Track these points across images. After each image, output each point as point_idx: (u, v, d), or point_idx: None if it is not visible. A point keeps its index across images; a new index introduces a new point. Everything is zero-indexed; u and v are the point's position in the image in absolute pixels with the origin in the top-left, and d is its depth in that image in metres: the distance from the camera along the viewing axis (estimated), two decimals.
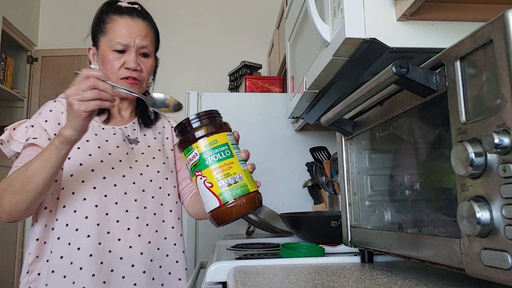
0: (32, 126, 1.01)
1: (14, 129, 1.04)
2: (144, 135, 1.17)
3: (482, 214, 0.44)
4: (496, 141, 0.42)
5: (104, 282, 0.98)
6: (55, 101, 1.07)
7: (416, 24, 0.88)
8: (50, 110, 1.04)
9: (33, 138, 0.98)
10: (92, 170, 1.02)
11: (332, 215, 1.17)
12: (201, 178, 0.76)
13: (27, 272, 0.98)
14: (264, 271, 0.77)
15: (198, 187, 0.78)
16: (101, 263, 0.98)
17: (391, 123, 0.70)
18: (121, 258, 1.01)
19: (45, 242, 0.99)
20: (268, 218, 1.74)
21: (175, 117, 1.29)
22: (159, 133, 1.22)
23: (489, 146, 0.43)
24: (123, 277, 1.01)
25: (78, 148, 1.00)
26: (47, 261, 0.98)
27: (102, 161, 1.04)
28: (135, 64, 1.05)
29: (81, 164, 1.01)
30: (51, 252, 0.98)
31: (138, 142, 1.15)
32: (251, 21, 3.37)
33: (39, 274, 0.98)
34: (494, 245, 0.44)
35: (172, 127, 1.25)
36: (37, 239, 0.99)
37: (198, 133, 0.78)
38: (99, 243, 0.99)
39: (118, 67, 1.05)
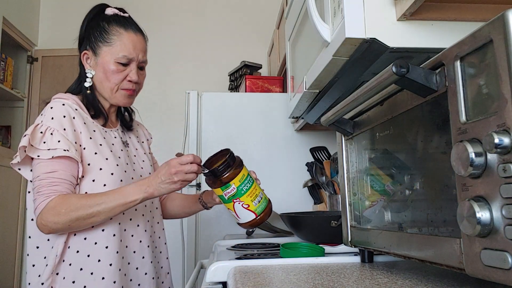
0: (51, 133, 1.01)
1: (27, 135, 1.03)
2: (130, 137, 1.26)
3: (482, 214, 0.44)
4: (496, 141, 0.42)
5: (120, 270, 1.06)
6: (63, 104, 1.06)
7: (416, 24, 0.88)
8: (64, 116, 1.04)
9: (64, 150, 1.00)
10: (112, 174, 1.08)
11: (332, 215, 1.17)
12: (239, 203, 1.07)
13: (57, 274, 1.02)
14: (264, 271, 0.77)
15: (235, 209, 1.07)
16: (122, 257, 1.08)
17: (391, 123, 0.70)
18: (134, 252, 1.12)
19: (68, 247, 1.04)
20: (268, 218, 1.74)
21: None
22: (137, 136, 1.31)
23: (489, 146, 0.43)
24: (137, 267, 1.12)
25: (96, 153, 1.07)
26: (70, 264, 1.03)
27: (117, 165, 1.10)
28: (136, 78, 1.13)
29: (100, 169, 1.07)
30: (69, 247, 1.03)
31: (128, 144, 1.23)
32: (251, 21, 3.37)
33: (62, 277, 1.02)
34: (494, 245, 0.44)
35: (139, 127, 1.35)
36: (64, 242, 1.04)
37: (232, 175, 1.05)
38: (120, 240, 1.08)
39: (121, 79, 1.12)
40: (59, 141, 1.00)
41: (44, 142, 1.00)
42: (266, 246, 1.23)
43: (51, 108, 1.05)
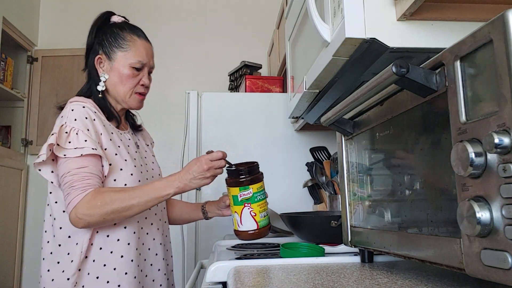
0: (77, 133, 1.05)
1: (54, 135, 1.06)
2: (139, 139, 1.30)
3: (482, 214, 0.44)
4: (496, 141, 0.42)
5: (138, 265, 1.12)
6: (84, 107, 1.10)
7: (416, 24, 0.88)
8: (86, 118, 1.08)
9: (92, 149, 1.04)
10: (131, 174, 1.13)
11: (332, 215, 1.17)
12: (248, 209, 1.13)
13: (79, 270, 1.05)
14: (264, 271, 0.78)
15: (242, 213, 1.13)
16: (140, 254, 1.13)
17: (391, 123, 0.70)
18: (149, 249, 1.17)
19: (92, 244, 1.08)
20: None
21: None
22: (144, 139, 1.36)
23: (489, 146, 0.43)
24: (152, 263, 1.18)
25: (116, 154, 1.12)
26: (94, 261, 1.07)
27: (135, 166, 1.15)
28: (149, 82, 1.22)
29: (121, 169, 1.12)
30: (92, 244, 1.07)
31: (139, 146, 1.27)
32: (251, 21, 3.37)
33: (87, 272, 1.06)
34: (494, 245, 0.44)
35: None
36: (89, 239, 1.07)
37: (253, 180, 1.13)
38: (138, 238, 1.13)
39: (135, 83, 1.19)
40: (85, 141, 1.04)
41: (70, 142, 1.03)
42: (266, 246, 1.23)
43: (72, 110, 1.09)
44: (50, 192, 1.11)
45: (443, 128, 0.54)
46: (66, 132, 1.04)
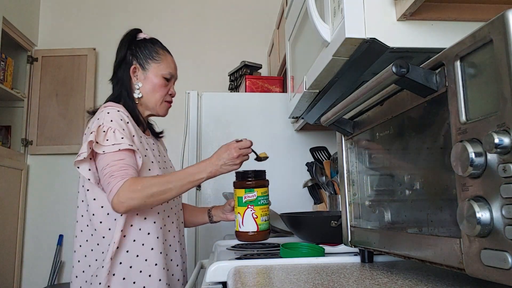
0: (114, 132, 1.14)
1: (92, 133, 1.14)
2: (158, 145, 1.39)
3: (482, 214, 0.44)
4: (496, 141, 0.42)
5: (162, 253, 1.20)
6: (118, 111, 1.19)
7: (416, 24, 0.88)
8: (121, 119, 1.18)
9: (129, 145, 1.13)
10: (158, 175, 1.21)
11: (332, 215, 1.17)
12: (251, 210, 1.23)
13: (111, 259, 1.12)
14: (264, 271, 0.78)
15: (245, 214, 1.23)
16: (164, 248, 1.22)
17: (391, 123, 0.70)
18: (170, 245, 1.26)
19: (124, 236, 1.16)
20: None
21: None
22: (161, 146, 1.45)
23: (489, 146, 0.43)
24: (175, 251, 1.29)
25: (146, 156, 1.22)
26: (127, 251, 1.15)
27: (160, 168, 1.24)
28: (175, 93, 1.37)
29: (149, 170, 1.21)
30: (125, 236, 1.15)
31: (159, 152, 1.36)
32: (251, 21, 3.37)
33: (119, 262, 1.14)
34: (494, 245, 0.44)
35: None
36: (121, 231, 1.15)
37: (258, 184, 1.24)
38: (163, 233, 1.23)
39: (166, 92, 1.33)
40: (122, 138, 1.13)
41: (107, 140, 1.12)
42: (266, 246, 1.23)
43: (108, 113, 1.17)
44: (88, 190, 1.18)
45: (443, 128, 0.54)
46: (104, 131, 1.13)
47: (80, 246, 1.19)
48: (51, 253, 2.96)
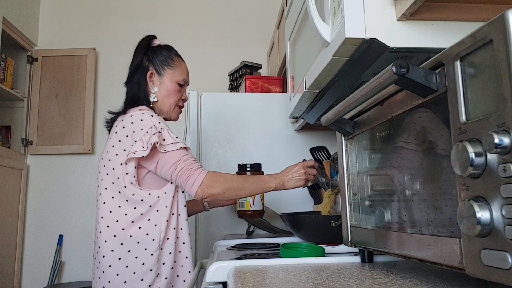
0: (168, 132, 1.22)
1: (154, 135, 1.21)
2: None
3: (482, 214, 0.44)
4: (496, 141, 0.42)
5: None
6: (152, 116, 1.25)
7: (416, 24, 0.88)
8: (159, 122, 1.24)
9: (183, 143, 1.23)
10: None
11: (332, 215, 1.17)
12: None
13: (161, 248, 1.21)
14: (264, 271, 0.78)
15: (255, 196, 1.52)
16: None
17: (391, 123, 0.70)
18: (183, 243, 1.30)
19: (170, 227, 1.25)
20: (268, 218, 1.74)
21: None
22: None
23: (489, 146, 0.43)
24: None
25: None
26: (167, 239, 1.24)
27: None
28: (186, 98, 1.46)
29: None
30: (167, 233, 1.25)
31: None
32: (251, 21, 3.37)
33: (168, 252, 1.23)
34: (494, 245, 0.44)
35: None
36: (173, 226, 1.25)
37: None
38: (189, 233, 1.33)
39: (179, 97, 1.41)
40: (177, 137, 1.23)
41: (164, 140, 1.20)
42: (266, 246, 1.23)
43: (152, 116, 1.24)
44: (125, 187, 1.21)
45: (443, 128, 0.54)
46: (159, 132, 1.20)
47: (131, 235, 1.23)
48: (51, 253, 2.96)
